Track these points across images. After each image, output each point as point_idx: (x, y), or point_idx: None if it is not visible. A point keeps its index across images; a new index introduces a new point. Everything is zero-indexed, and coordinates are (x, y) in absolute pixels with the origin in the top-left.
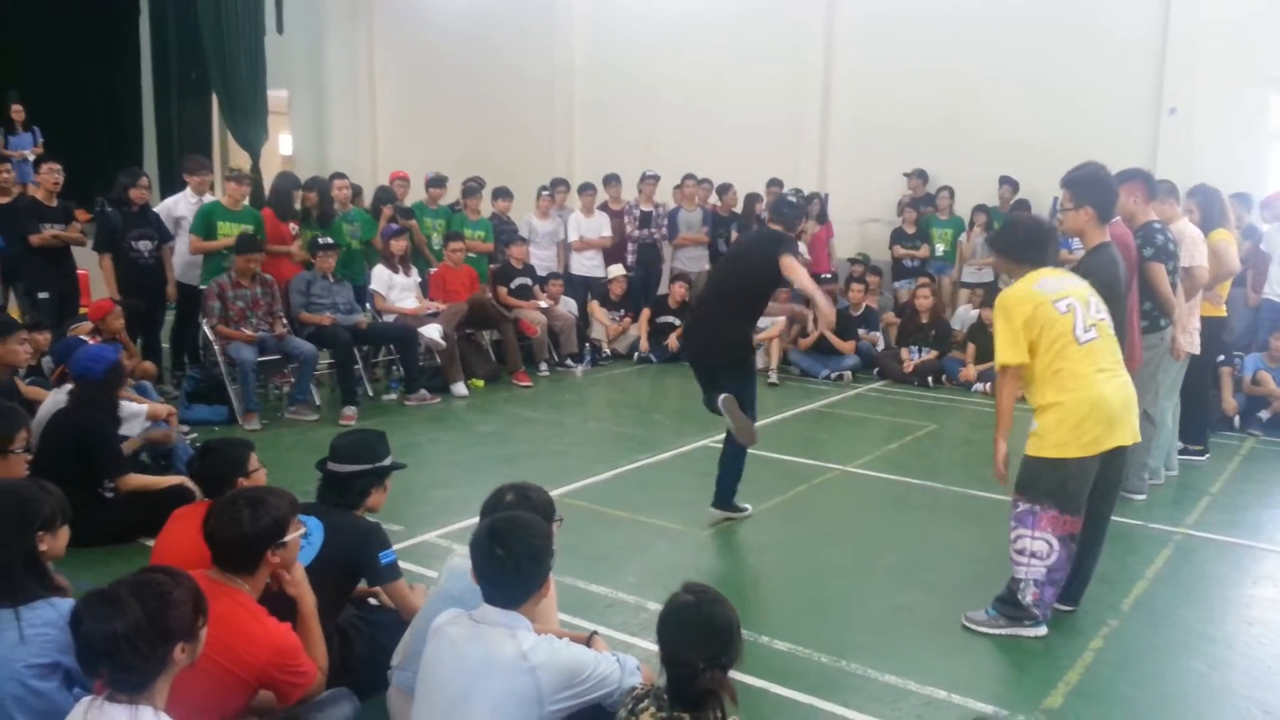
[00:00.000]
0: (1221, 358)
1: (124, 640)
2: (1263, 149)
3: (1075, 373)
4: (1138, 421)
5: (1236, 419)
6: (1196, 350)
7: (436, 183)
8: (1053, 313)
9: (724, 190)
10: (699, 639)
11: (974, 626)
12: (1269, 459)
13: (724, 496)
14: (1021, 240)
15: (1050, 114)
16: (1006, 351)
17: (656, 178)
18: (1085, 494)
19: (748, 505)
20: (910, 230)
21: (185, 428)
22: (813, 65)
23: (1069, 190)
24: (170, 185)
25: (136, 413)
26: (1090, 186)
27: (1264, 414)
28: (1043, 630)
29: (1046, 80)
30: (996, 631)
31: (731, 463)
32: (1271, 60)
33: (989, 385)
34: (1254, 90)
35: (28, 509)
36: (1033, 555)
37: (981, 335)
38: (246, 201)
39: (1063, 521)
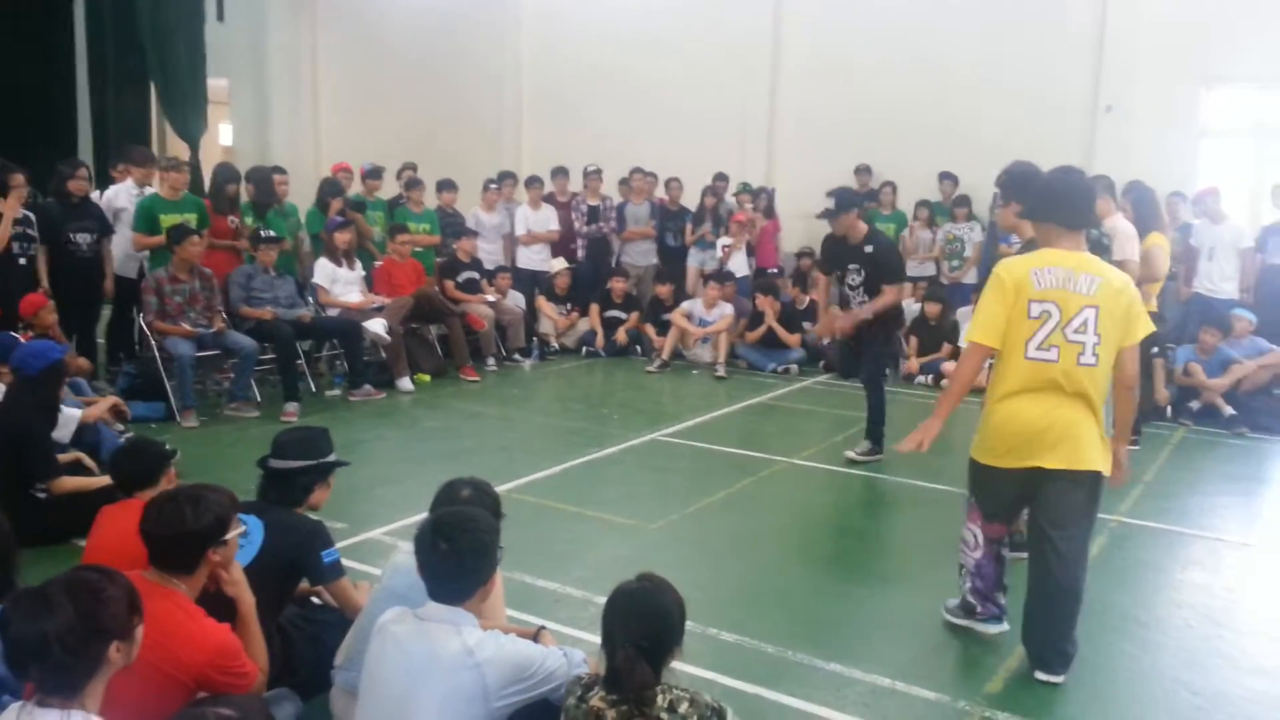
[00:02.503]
0: (1155, 349)
1: (56, 639)
2: (1193, 146)
3: (1006, 383)
4: (1082, 449)
5: (1168, 409)
6: None
7: (374, 174)
8: (1022, 313)
9: (670, 184)
10: (630, 621)
11: (945, 614)
12: (1199, 448)
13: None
14: (1062, 199)
15: (991, 111)
16: (983, 329)
17: (600, 172)
18: (1004, 505)
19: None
20: None
21: (121, 426)
22: (760, 60)
23: (999, 188)
24: (107, 177)
25: (69, 418)
26: (1017, 183)
27: (1194, 404)
28: (1000, 627)
29: (987, 77)
30: (956, 620)
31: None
32: (1204, 59)
33: (931, 377)
34: (1187, 88)
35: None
36: (963, 542)
37: (924, 329)
38: (186, 190)
39: (983, 517)
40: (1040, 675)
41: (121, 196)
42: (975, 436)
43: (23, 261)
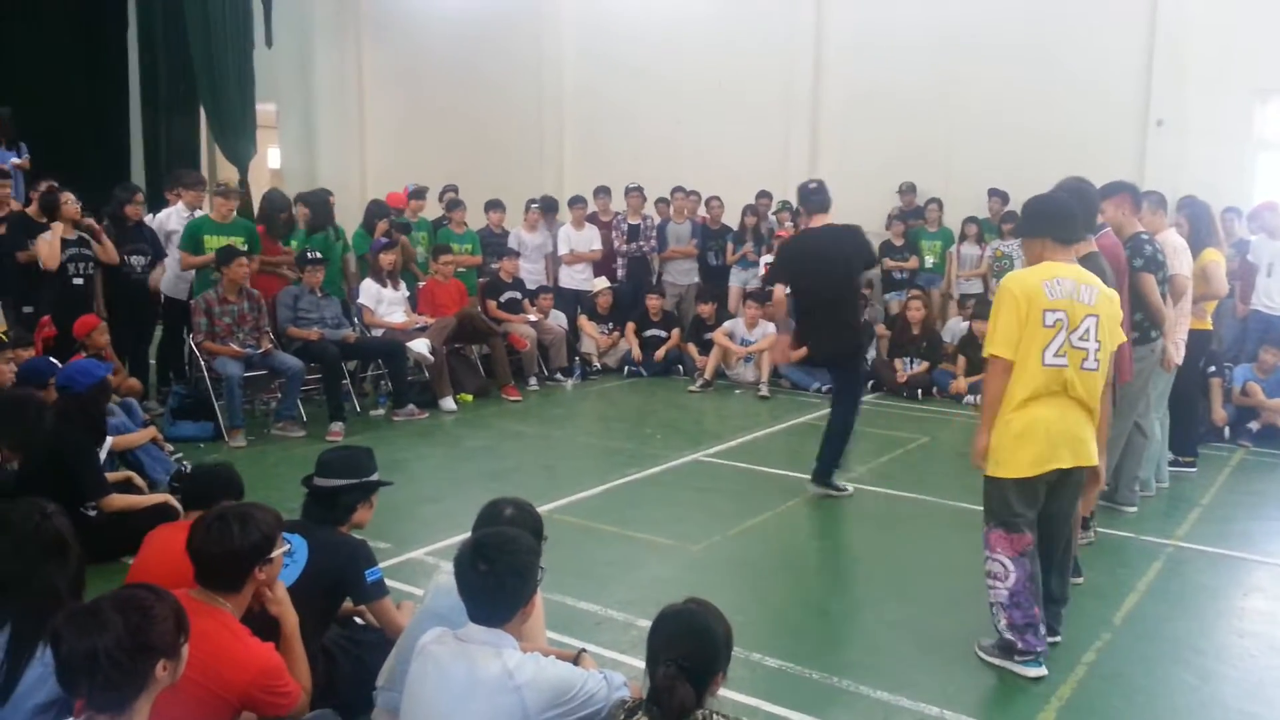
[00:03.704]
0: (1212, 369)
1: (105, 655)
2: (1250, 159)
3: (1023, 391)
4: (1087, 447)
5: (1226, 430)
6: (1180, 360)
7: (417, 195)
8: (1038, 321)
9: (712, 202)
10: (673, 641)
11: (979, 653)
12: (1259, 470)
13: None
14: (1054, 216)
15: (1039, 126)
16: (1000, 343)
17: (641, 189)
18: (1031, 512)
19: (848, 486)
20: (898, 243)
21: (170, 445)
22: (802, 79)
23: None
24: (159, 200)
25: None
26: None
27: (1253, 425)
28: (1039, 671)
29: (1035, 93)
30: (992, 660)
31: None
32: (1258, 70)
33: (979, 397)
34: (1241, 100)
35: (67, 535)
36: (993, 577)
37: (972, 348)
38: (235, 215)
39: (1010, 540)
40: (1054, 639)
41: (173, 219)
42: (993, 455)
43: (78, 282)
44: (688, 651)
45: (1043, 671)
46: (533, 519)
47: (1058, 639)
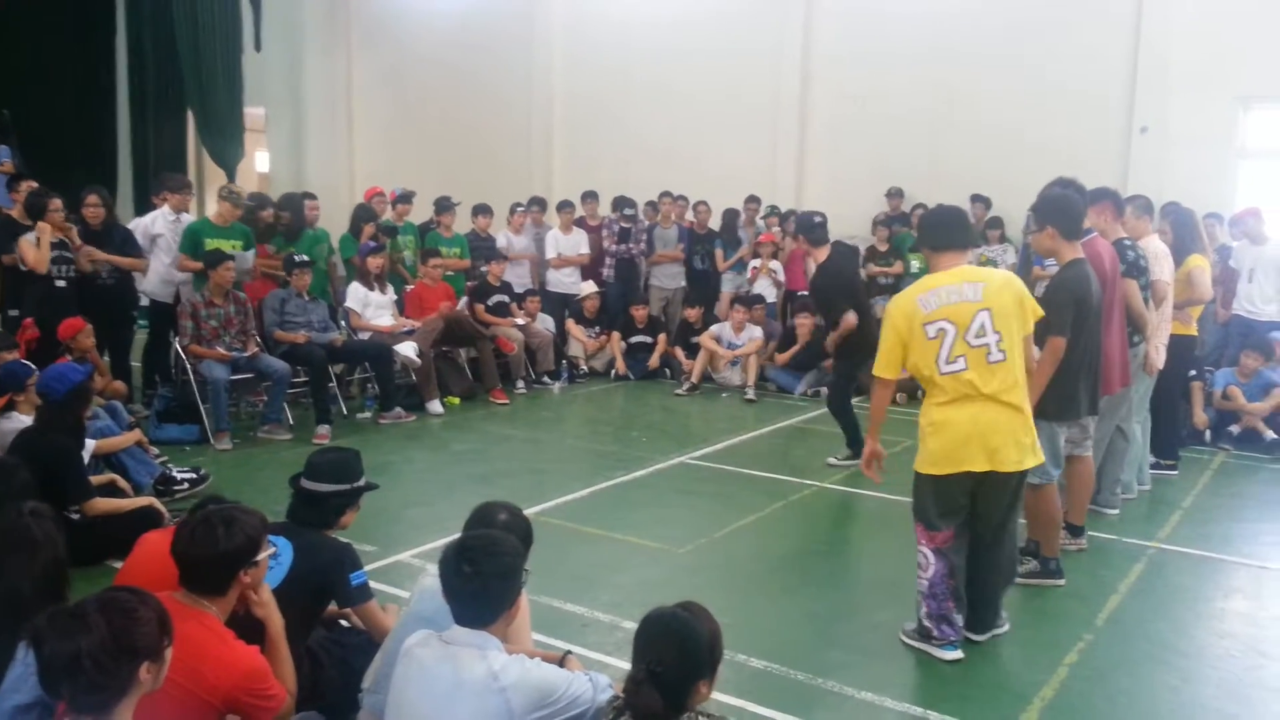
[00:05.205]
0: (1193, 373)
1: (88, 657)
2: (1232, 166)
3: (935, 398)
4: (1005, 452)
5: (1207, 434)
6: (1161, 364)
7: (404, 199)
8: (921, 336)
9: (699, 207)
10: (652, 644)
11: (901, 637)
12: (1239, 473)
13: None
14: (930, 225)
15: (1024, 132)
16: (881, 365)
17: (629, 202)
18: (951, 510)
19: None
20: (883, 248)
21: (155, 448)
22: (789, 86)
23: (1032, 212)
24: (145, 203)
25: (85, 449)
26: (1050, 206)
27: (1234, 428)
28: (954, 654)
29: (1021, 100)
30: (912, 644)
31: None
32: (1241, 78)
33: None
34: (1224, 108)
35: (38, 534)
36: (918, 567)
37: None
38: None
39: (929, 535)
40: (976, 637)
41: (158, 223)
42: (919, 453)
43: (61, 284)
44: (663, 656)
45: (958, 655)
46: (523, 525)
47: (991, 634)
